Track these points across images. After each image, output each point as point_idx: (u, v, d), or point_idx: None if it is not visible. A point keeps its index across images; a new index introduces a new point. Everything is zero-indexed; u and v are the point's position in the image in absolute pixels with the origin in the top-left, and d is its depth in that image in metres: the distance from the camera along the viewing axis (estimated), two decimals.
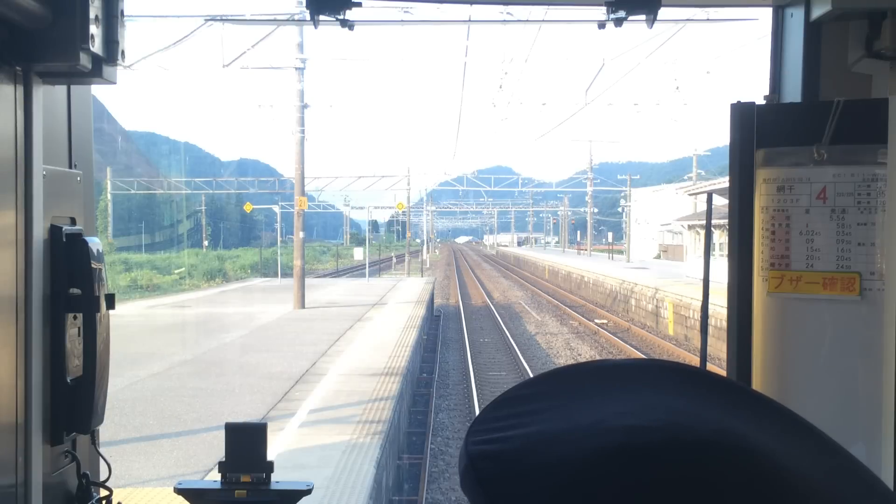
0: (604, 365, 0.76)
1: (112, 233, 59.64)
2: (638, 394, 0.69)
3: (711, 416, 0.66)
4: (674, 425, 0.63)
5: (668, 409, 0.66)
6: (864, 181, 1.83)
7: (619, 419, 0.64)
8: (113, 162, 76.28)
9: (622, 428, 0.62)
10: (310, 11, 1.91)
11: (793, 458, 0.64)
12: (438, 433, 15.22)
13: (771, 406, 0.73)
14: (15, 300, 1.58)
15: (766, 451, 0.62)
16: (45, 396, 1.66)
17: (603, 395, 0.70)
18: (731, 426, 0.64)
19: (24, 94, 1.60)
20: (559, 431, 0.65)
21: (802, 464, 0.64)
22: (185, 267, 49.12)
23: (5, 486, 1.55)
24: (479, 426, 0.69)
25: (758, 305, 1.92)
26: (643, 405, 0.66)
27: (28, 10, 1.49)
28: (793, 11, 2.00)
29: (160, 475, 8.54)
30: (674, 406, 0.66)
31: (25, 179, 1.60)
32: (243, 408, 11.78)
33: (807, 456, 0.66)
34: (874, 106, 1.83)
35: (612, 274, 39.64)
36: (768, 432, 0.67)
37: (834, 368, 1.86)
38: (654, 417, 0.63)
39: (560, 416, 0.67)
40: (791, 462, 0.63)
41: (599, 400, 0.69)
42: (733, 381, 0.94)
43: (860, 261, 1.84)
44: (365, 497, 8.09)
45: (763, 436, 0.65)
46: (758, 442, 0.63)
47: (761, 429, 0.67)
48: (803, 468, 0.63)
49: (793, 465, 0.63)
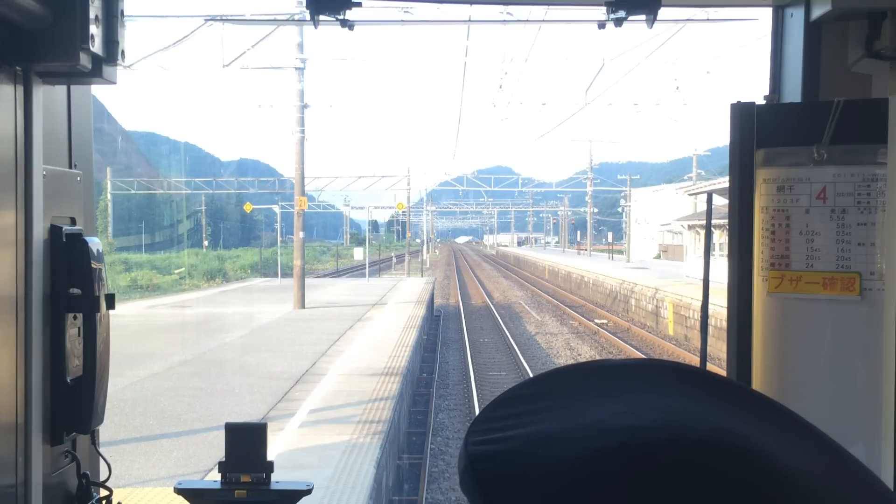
0: (604, 365, 0.75)
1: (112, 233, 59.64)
2: (638, 394, 0.69)
3: (711, 416, 0.66)
4: (674, 425, 0.62)
5: (669, 409, 0.65)
6: (864, 181, 1.83)
7: (618, 419, 0.64)
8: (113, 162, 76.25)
9: (622, 428, 0.62)
10: (310, 11, 1.91)
11: (793, 458, 0.63)
12: (438, 433, 15.22)
13: (771, 406, 0.73)
14: (15, 300, 1.58)
15: (766, 451, 0.62)
16: (45, 396, 1.66)
17: (603, 395, 0.70)
18: (731, 426, 0.64)
19: (24, 93, 1.60)
20: (559, 431, 0.65)
21: (802, 463, 0.64)
22: (185, 267, 49.11)
23: (5, 486, 1.55)
24: (478, 426, 0.69)
25: (758, 305, 1.92)
26: (643, 405, 0.66)
27: (28, 10, 1.49)
28: (793, 11, 2.00)
29: (160, 475, 8.54)
30: (674, 406, 0.66)
31: (25, 179, 1.60)
32: (243, 408, 11.78)
33: (807, 455, 0.66)
34: (874, 106, 1.83)
35: (612, 274, 39.64)
36: (768, 432, 0.66)
37: (834, 368, 1.86)
38: (655, 417, 0.63)
39: (560, 416, 0.67)
40: (791, 462, 0.63)
41: (599, 400, 0.69)
42: (733, 380, 0.94)
43: (860, 261, 1.84)
44: (365, 497, 8.09)
45: (763, 435, 0.65)
46: (758, 442, 0.63)
47: (761, 428, 0.67)
48: (803, 468, 0.63)
49: (792, 465, 0.62)
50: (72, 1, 1.54)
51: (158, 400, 12.38)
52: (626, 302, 34.71)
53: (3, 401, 1.55)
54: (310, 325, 21.79)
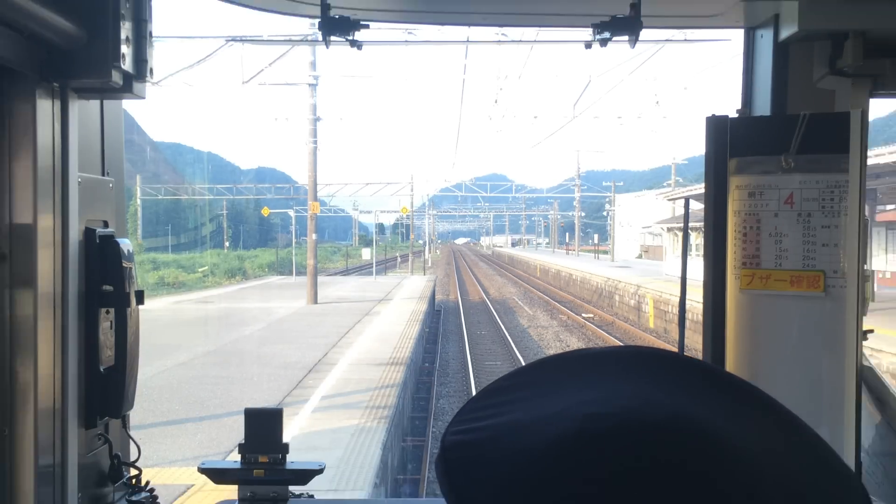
0: (583, 354, 0.74)
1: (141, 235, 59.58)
2: (610, 381, 0.67)
3: (674, 400, 0.64)
4: (631, 411, 0.61)
5: (633, 395, 0.63)
6: (828, 188, 1.83)
7: (582, 407, 0.62)
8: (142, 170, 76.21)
9: (582, 416, 0.61)
10: (322, 33, 1.91)
11: (749, 440, 0.62)
12: (439, 417, 15.22)
13: (741, 387, 0.72)
14: (53, 296, 1.58)
15: (721, 433, 0.60)
16: (80, 384, 1.66)
17: (578, 383, 0.68)
18: (690, 410, 0.62)
19: (60, 108, 1.60)
20: (528, 421, 0.63)
21: (760, 444, 0.62)
22: (208, 266, 49.08)
23: (45, 466, 1.56)
24: (459, 416, 0.68)
25: (731, 301, 1.92)
26: (610, 392, 0.64)
27: (65, 31, 1.49)
28: (762, 33, 2.00)
29: (185, 456, 8.53)
30: (639, 392, 0.64)
31: (62, 186, 1.60)
32: (261, 394, 11.77)
33: (765, 434, 0.65)
34: (837, 119, 1.83)
35: (598, 272, 39.61)
36: (730, 413, 0.65)
37: (800, 359, 1.86)
38: (615, 404, 0.62)
39: (533, 405, 0.66)
40: (747, 443, 0.61)
41: (573, 389, 0.67)
42: (708, 363, 0.92)
43: (824, 260, 1.84)
44: (372, 476, 8.09)
45: (722, 417, 0.63)
46: (713, 424, 0.61)
47: (725, 410, 0.65)
48: (760, 448, 0.62)
49: (748, 446, 0.61)
50: (105, 23, 1.54)
51: (184, 387, 12.37)
52: (610, 298, 34.68)
53: (42, 388, 1.55)
54: (322, 319, 21.77)
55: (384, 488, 8.86)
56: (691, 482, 0.56)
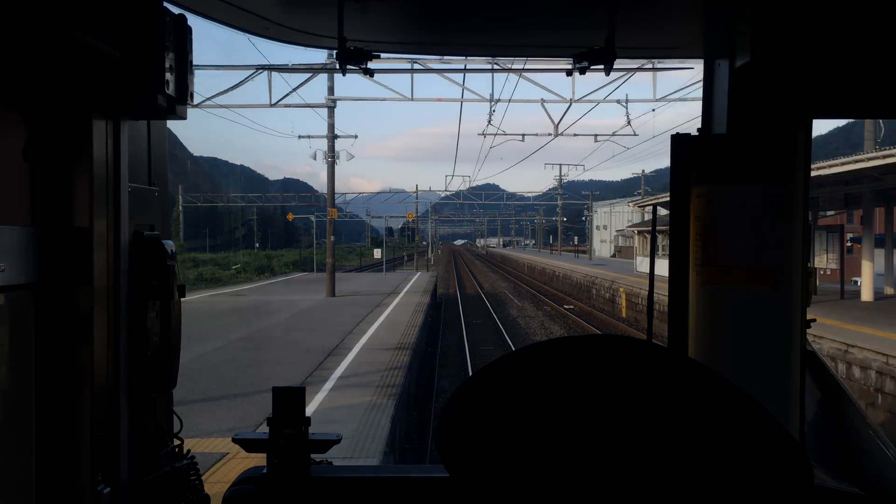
0: (565, 340, 0.74)
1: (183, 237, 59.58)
2: (586, 364, 0.68)
3: (640, 382, 0.64)
4: (600, 382, 0.61)
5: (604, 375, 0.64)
6: (777, 196, 1.83)
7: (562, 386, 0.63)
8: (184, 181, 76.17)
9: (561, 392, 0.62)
10: (339, 62, 1.92)
11: (704, 411, 0.62)
12: (441, 395, 15.21)
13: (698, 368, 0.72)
14: (107, 290, 1.59)
15: (677, 405, 0.61)
16: (130, 365, 1.66)
17: (559, 366, 0.68)
18: (651, 387, 0.63)
19: (113, 127, 1.60)
20: (514, 399, 0.65)
21: (713, 416, 0.62)
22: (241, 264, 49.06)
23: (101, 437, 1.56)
24: (455, 395, 0.69)
25: (692, 294, 1.92)
26: (585, 374, 0.65)
27: (118, 62, 1.49)
28: (720, 62, 2.00)
29: (221, 428, 8.53)
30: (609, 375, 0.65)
31: (115, 194, 1.60)
32: (287, 374, 11.76)
33: (720, 409, 0.65)
34: (785, 137, 1.83)
35: (578, 269, 39.58)
36: (687, 390, 0.65)
37: (752, 345, 1.86)
38: (587, 381, 0.63)
39: (519, 386, 0.66)
40: (702, 415, 0.61)
41: (554, 371, 0.68)
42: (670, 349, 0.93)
43: (774, 259, 1.84)
44: (382, 445, 8.09)
45: (679, 396, 0.63)
46: (672, 399, 0.62)
47: (684, 386, 0.65)
48: (713, 420, 0.62)
49: (703, 418, 0.61)
50: (151, 54, 1.54)
51: (219, 369, 12.36)
52: (588, 291, 34.65)
53: (98, 368, 1.55)
54: (339, 310, 21.76)
55: (393, 456, 8.86)
56: None
